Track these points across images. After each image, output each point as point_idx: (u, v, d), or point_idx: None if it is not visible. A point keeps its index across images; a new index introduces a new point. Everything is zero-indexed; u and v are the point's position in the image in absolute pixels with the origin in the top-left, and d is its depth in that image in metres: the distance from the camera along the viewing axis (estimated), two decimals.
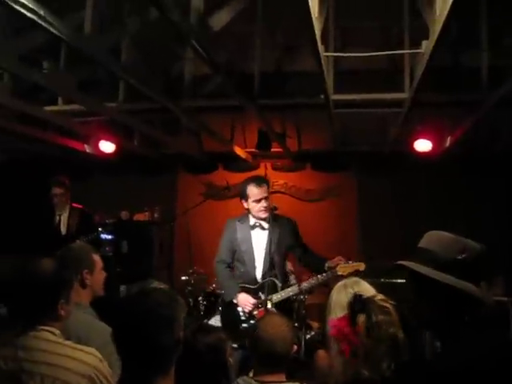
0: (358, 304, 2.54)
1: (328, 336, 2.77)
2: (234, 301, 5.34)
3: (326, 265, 5.12)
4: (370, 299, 2.54)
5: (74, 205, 7.40)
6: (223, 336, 3.10)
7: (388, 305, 2.45)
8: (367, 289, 3.12)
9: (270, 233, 5.36)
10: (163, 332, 2.02)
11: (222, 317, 5.71)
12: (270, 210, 5.34)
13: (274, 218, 5.44)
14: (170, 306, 2.09)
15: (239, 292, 5.33)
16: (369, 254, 8.38)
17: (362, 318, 2.46)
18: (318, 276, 5.14)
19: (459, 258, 2.17)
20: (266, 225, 5.40)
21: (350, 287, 3.11)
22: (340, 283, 3.28)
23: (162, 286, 2.19)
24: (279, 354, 3.15)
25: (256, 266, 5.29)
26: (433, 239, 2.31)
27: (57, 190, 7.18)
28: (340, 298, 2.90)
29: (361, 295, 2.68)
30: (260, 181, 5.48)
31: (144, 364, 2.01)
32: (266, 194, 5.35)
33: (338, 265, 5.01)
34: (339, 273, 4.94)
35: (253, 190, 5.35)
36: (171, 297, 2.15)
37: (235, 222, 5.60)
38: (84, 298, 3.38)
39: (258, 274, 5.32)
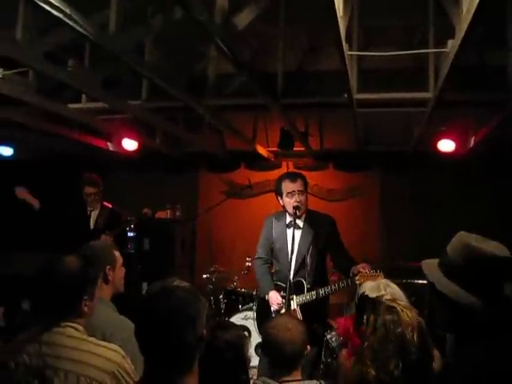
0: (365, 304, 2.53)
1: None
2: (266, 297, 5.35)
3: (351, 270, 5.09)
4: (377, 299, 2.53)
5: (105, 203, 7.44)
6: (242, 333, 3.12)
7: (396, 305, 2.43)
8: (397, 291, 3.13)
9: (303, 231, 5.33)
10: (186, 330, 2.01)
11: (256, 311, 5.84)
12: (303, 208, 5.31)
13: (311, 216, 5.42)
14: (192, 303, 2.09)
15: (271, 289, 5.34)
16: (391, 254, 8.37)
17: (368, 317, 2.46)
18: (339, 284, 5.12)
19: (463, 265, 2.14)
20: (301, 223, 5.35)
21: (384, 289, 3.12)
22: (373, 284, 3.30)
23: (183, 284, 2.18)
24: (290, 357, 3.19)
25: (289, 265, 5.14)
26: (453, 241, 2.27)
27: (90, 190, 7.15)
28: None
29: (367, 295, 2.67)
30: (295, 175, 5.47)
31: (167, 361, 2.02)
32: (300, 188, 5.29)
33: (359, 272, 4.96)
34: (357, 282, 4.91)
35: (286, 184, 5.31)
36: (194, 294, 2.14)
37: (272, 219, 5.58)
38: (106, 293, 3.41)
39: (291, 274, 5.21)
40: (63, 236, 6.74)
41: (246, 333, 3.36)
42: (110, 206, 7.49)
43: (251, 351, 6.75)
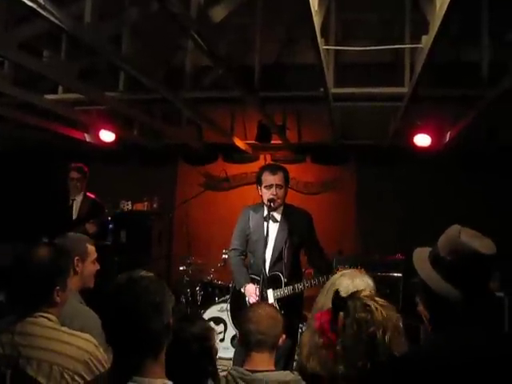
0: (339, 301, 2.56)
1: (310, 327, 2.85)
2: (242, 290, 5.32)
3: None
4: (355, 296, 2.56)
5: (88, 194, 7.52)
6: (209, 325, 3.15)
7: (372, 303, 2.45)
8: (367, 283, 3.18)
9: (281, 225, 5.32)
10: (152, 317, 2.04)
11: (230, 304, 5.75)
12: (280, 202, 5.28)
13: (289, 210, 5.41)
14: (157, 292, 2.11)
15: (247, 282, 5.31)
16: (367, 246, 8.44)
17: (341, 315, 2.49)
18: (319, 278, 5.10)
19: (447, 258, 2.20)
20: (278, 217, 5.33)
21: (355, 278, 3.18)
22: (346, 272, 3.37)
23: (149, 275, 2.22)
24: (265, 338, 3.24)
25: (265, 258, 5.10)
26: (445, 232, 2.32)
27: (74, 175, 7.36)
28: (340, 283, 3.01)
29: (341, 294, 2.70)
30: (276, 168, 5.39)
31: (134, 350, 2.05)
32: (278, 182, 5.22)
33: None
34: None
35: (266, 176, 5.25)
36: (158, 284, 2.17)
37: (249, 211, 5.51)
38: (73, 284, 3.41)
39: (267, 267, 5.17)
40: (45, 225, 6.78)
41: (221, 325, 3.39)
42: (93, 196, 7.53)
43: (228, 342, 6.81)
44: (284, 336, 3.42)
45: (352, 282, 3.16)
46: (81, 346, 2.55)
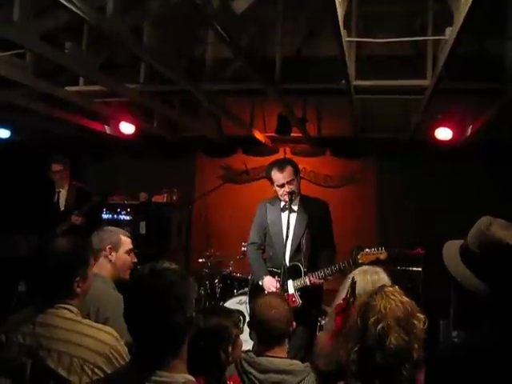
0: (353, 284, 2.58)
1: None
2: (260, 283, 5.35)
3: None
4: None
5: (74, 182, 7.45)
6: (224, 323, 3.03)
7: (382, 293, 2.43)
8: (385, 280, 3.17)
9: (298, 215, 5.33)
10: (174, 311, 2.01)
11: (250, 296, 5.77)
12: (297, 192, 5.30)
13: (305, 201, 5.42)
14: (181, 285, 2.08)
15: (266, 275, 5.34)
16: (387, 241, 8.37)
17: (348, 300, 2.52)
18: (339, 264, 5.07)
19: (476, 251, 2.14)
20: (295, 207, 5.33)
21: (370, 275, 3.17)
22: (362, 268, 3.37)
23: (173, 266, 2.17)
24: (276, 333, 3.28)
25: (285, 249, 5.10)
26: (475, 224, 2.25)
27: (55, 167, 7.25)
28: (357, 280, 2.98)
29: (353, 279, 2.71)
30: (282, 165, 5.35)
31: (155, 343, 2.03)
32: (289, 178, 5.23)
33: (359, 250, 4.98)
34: (360, 261, 4.90)
35: (275, 175, 5.28)
36: (182, 276, 2.13)
37: (266, 204, 5.56)
38: (106, 270, 3.50)
39: (287, 258, 5.17)
40: (34, 218, 6.81)
41: (240, 318, 3.32)
42: (80, 184, 7.52)
43: (246, 335, 6.80)
44: (294, 323, 3.45)
45: (370, 277, 3.17)
46: (102, 339, 2.55)
